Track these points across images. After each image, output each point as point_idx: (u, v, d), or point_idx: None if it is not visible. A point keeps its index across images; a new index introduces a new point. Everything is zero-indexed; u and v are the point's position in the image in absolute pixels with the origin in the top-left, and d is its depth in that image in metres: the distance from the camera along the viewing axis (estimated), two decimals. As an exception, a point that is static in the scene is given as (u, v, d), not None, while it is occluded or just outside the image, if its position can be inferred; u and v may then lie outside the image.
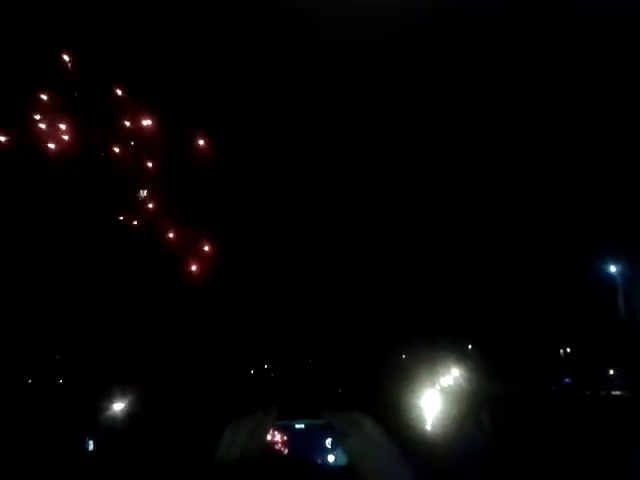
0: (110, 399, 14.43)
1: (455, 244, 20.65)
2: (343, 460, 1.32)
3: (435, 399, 13.73)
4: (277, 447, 1.35)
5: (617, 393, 16.63)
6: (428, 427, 12.19)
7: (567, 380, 19.14)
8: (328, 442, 1.35)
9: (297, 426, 1.37)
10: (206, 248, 19.06)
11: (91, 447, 10.61)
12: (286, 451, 1.36)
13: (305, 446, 1.34)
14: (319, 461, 1.35)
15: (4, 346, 18.08)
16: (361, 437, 1.32)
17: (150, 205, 18.02)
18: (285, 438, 1.36)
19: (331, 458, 1.35)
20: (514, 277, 20.62)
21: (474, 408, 11.00)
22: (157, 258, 18.81)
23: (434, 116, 18.37)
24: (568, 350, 22.25)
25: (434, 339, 18.69)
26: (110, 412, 13.83)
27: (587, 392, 17.36)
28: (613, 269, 20.31)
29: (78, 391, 15.75)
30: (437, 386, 16.27)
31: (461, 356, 20.05)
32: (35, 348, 18.81)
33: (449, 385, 17.67)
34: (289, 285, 21.25)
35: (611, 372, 19.58)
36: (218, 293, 20.00)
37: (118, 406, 14.30)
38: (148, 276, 18.74)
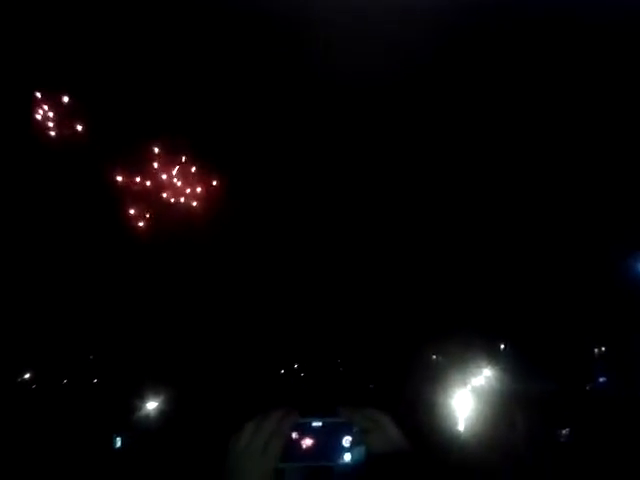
0: (141, 398, 14.62)
1: (487, 244, 20.47)
2: (360, 458, 1.33)
3: (467, 399, 13.61)
4: (295, 446, 1.34)
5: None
6: (460, 427, 12.09)
7: (602, 379, 18.80)
8: (346, 440, 1.33)
9: (314, 424, 1.36)
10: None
11: (119, 444, 10.80)
12: (304, 449, 1.35)
13: (322, 445, 1.34)
14: (336, 460, 1.34)
15: (39, 347, 18.48)
16: (381, 434, 1.34)
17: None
18: (303, 437, 1.35)
19: (347, 457, 1.34)
20: (548, 275, 20.37)
21: (506, 409, 10.89)
22: (187, 261, 19.05)
23: (435, 117, 18.29)
24: (603, 349, 21.88)
25: (465, 338, 18.56)
26: (140, 411, 14.03)
27: (623, 392, 17.05)
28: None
29: (110, 390, 16.03)
30: (469, 386, 16.12)
31: (493, 355, 19.87)
32: (70, 349, 19.20)
33: (481, 385, 17.50)
34: (322, 286, 21.30)
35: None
36: (251, 295, 20.18)
37: (148, 405, 14.49)
38: (181, 278, 19.00)
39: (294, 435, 1.33)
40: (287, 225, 20.07)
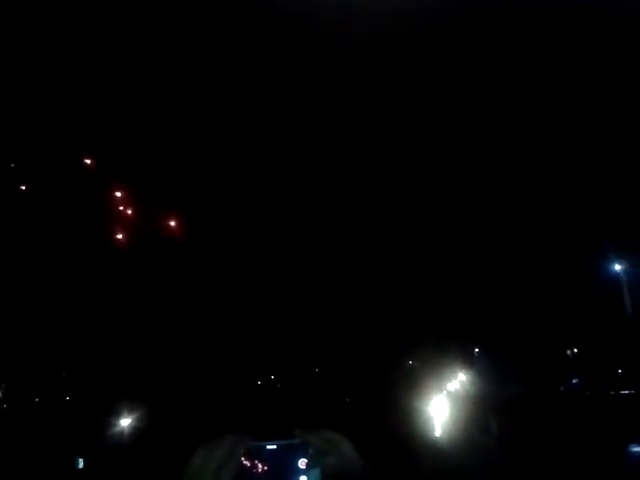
0: (114, 415, 14.40)
1: (459, 249, 20.59)
2: None
3: (442, 404, 13.66)
4: (249, 471, 1.31)
5: (626, 392, 16.50)
6: (436, 433, 12.12)
7: (575, 380, 18.99)
8: (301, 462, 1.30)
9: (268, 447, 1.32)
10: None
11: (81, 465, 10.58)
12: (258, 473, 1.32)
13: (278, 468, 1.31)
14: None
15: (11, 365, 18.12)
16: (338, 455, 1.30)
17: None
18: (257, 461, 1.32)
19: (303, 479, 1.32)
20: (518, 279, 20.54)
21: (481, 413, 10.93)
22: (160, 274, 18.89)
23: (436, 117, 18.38)
24: (575, 350, 22.11)
25: (440, 344, 18.63)
26: (112, 428, 13.81)
27: (596, 392, 17.24)
28: (618, 267, 20.19)
29: (82, 407, 15.76)
30: (444, 391, 16.18)
31: (467, 360, 19.97)
32: (41, 366, 18.86)
33: (456, 390, 17.59)
34: (294, 295, 21.23)
35: (619, 371, 19.44)
36: (225, 306, 20.04)
37: (122, 421, 14.27)
38: (156, 292, 18.83)
39: (248, 459, 1.31)
40: (264, 237, 20.02)
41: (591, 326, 20.26)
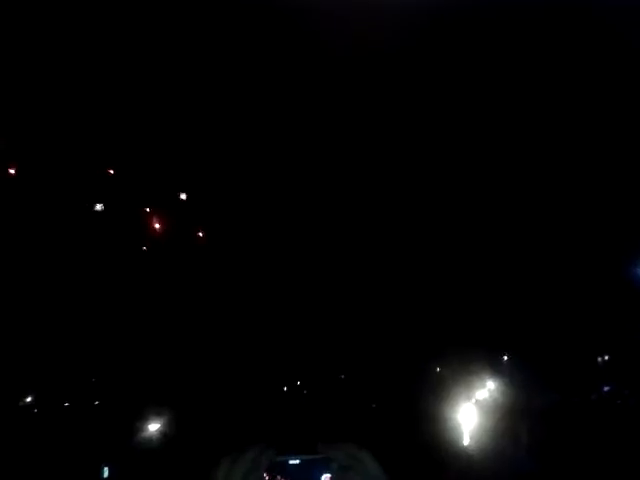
0: (142, 419, 14.49)
1: (489, 256, 20.43)
2: None
3: (471, 413, 13.52)
4: None
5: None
6: (465, 441, 11.99)
7: (606, 388, 18.68)
8: (325, 477, 1.29)
9: (291, 462, 1.31)
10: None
11: (106, 474, 10.60)
12: None
13: None
14: None
15: (41, 370, 18.41)
16: (362, 471, 1.28)
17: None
18: (280, 476, 1.30)
19: None
20: (549, 286, 20.30)
21: (511, 422, 10.81)
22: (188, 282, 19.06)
23: (437, 116, 18.31)
24: (606, 357, 21.77)
25: (469, 352, 18.46)
26: (139, 433, 13.88)
27: (627, 400, 16.95)
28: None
29: (111, 412, 15.90)
30: (473, 399, 16.01)
31: (496, 368, 19.76)
32: (72, 371, 19.11)
33: (485, 398, 17.39)
34: (321, 302, 21.24)
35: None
36: (256, 313, 20.13)
37: (150, 426, 14.35)
38: (183, 299, 18.99)
39: (270, 474, 1.29)
40: (287, 241, 20.05)
41: (623, 332, 19.95)
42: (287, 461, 1.30)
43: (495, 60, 16.52)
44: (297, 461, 1.30)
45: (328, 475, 1.28)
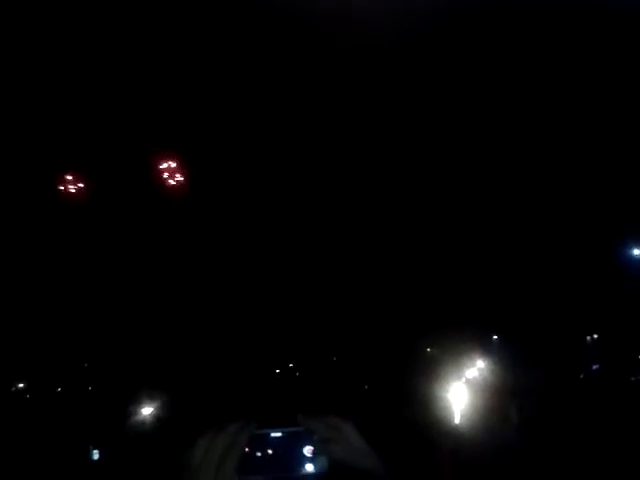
0: (135, 404, 14.53)
1: (477, 235, 20.51)
2: (323, 468, 1.27)
3: (462, 392, 13.62)
4: (253, 459, 1.29)
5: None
6: (455, 420, 12.10)
7: (595, 367, 18.88)
8: (307, 450, 1.28)
9: (272, 434, 1.29)
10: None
11: (96, 457, 10.61)
12: (262, 461, 1.31)
13: (282, 456, 1.29)
14: (297, 471, 1.30)
15: (34, 356, 18.42)
16: (343, 442, 1.27)
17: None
18: (260, 449, 1.30)
19: (309, 467, 1.30)
20: (538, 265, 20.43)
21: (500, 401, 10.92)
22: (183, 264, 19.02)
23: (434, 116, 18.31)
24: (595, 336, 22.00)
25: (458, 331, 18.59)
26: (132, 417, 13.92)
27: (616, 379, 17.14)
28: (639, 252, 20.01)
29: (103, 397, 15.95)
30: (463, 379, 16.15)
31: (486, 347, 19.93)
32: (64, 357, 19.14)
33: (475, 377, 17.54)
34: (313, 284, 21.29)
35: (640, 357, 19.33)
36: (246, 294, 20.16)
37: (143, 410, 14.39)
38: (175, 282, 18.97)
39: (251, 447, 1.29)
40: (280, 223, 20.03)
41: (611, 312, 20.13)
42: (268, 434, 1.30)
43: (497, 61, 16.52)
44: (278, 434, 1.30)
45: (310, 447, 1.28)
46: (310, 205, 20.17)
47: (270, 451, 1.28)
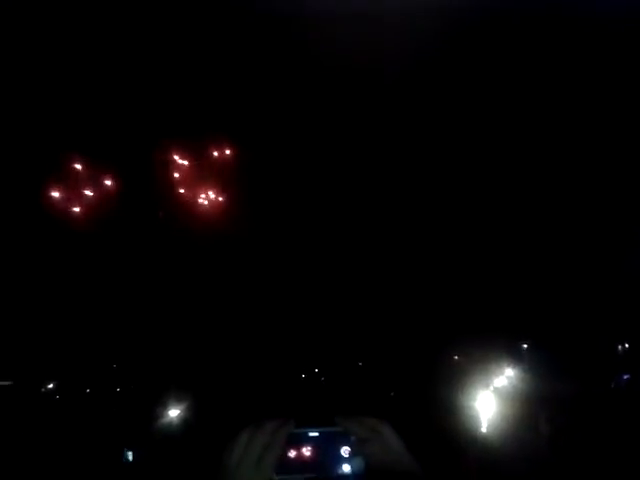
0: (164, 406, 14.67)
1: (507, 243, 20.33)
2: (360, 469, 1.28)
3: (489, 401, 13.51)
4: (291, 458, 1.30)
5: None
6: (483, 429, 12.00)
7: (625, 377, 18.56)
8: (344, 450, 1.29)
9: (311, 434, 1.31)
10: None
11: (130, 458, 10.70)
12: (300, 461, 1.31)
13: (319, 456, 1.30)
14: (334, 471, 1.31)
15: (63, 357, 18.67)
16: (381, 443, 1.28)
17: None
18: (299, 448, 1.31)
19: (347, 468, 1.30)
20: (569, 273, 20.18)
21: (529, 410, 10.80)
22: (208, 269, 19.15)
23: (435, 115, 18.21)
24: (626, 345, 21.62)
25: (487, 339, 18.44)
26: (161, 419, 14.05)
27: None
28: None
29: (132, 399, 16.12)
30: (491, 387, 16.01)
31: (515, 355, 19.73)
32: (93, 358, 19.36)
33: (503, 386, 17.38)
34: (340, 290, 21.27)
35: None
36: (272, 301, 20.22)
37: (171, 412, 14.52)
38: (202, 286, 19.10)
39: (289, 446, 1.30)
40: (303, 230, 20.06)
41: (642, 320, 19.81)
42: (306, 433, 1.31)
43: (496, 62, 16.43)
44: (316, 433, 1.31)
45: (347, 448, 1.29)
46: (333, 212, 20.17)
47: (308, 451, 1.29)
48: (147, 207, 18.44)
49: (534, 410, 10.66)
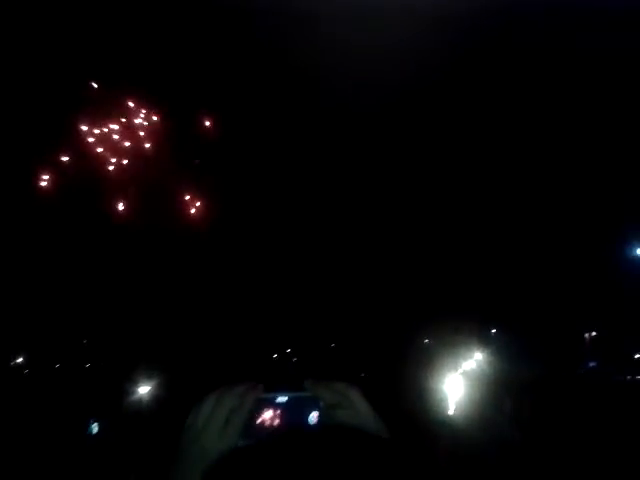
0: (134, 381, 14.58)
1: (477, 228, 20.49)
2: None
3: (458, 383, 13.66)
4: (258, 423, 1.29)
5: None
6: (451, 412, 12.15)
7: (592, 364, 18.92)
8: (313, 416, 1.27)
9: (279, 399, 1.29)
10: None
11: (95, 430, 10.62)
12: (267, 425, 1.30)
13: (287, 421, 1.29)
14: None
15: (32, 331, 18.48)
16: (351, 409, 1.27)
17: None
18: (266, 413, 1.29)
19: None
20: (538, 259, 20.42)
21: (495, 394, 10.95)
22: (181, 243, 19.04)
23: (433, 116, 18.28)
24: (593, 334, 22.01)
25: (457, 323, 18.62)
26: (131, 395, 13.98)
27: (613, 377, 17.17)
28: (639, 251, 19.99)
29: (102, 374, 16.02)
30: (460, 370, 16.20)
31: (484, 339, 19.95)
32: (63, 333, 19.19)
33: (472, 369, 17.59)
34: (311, 271, 21.29)
35: (637, 356, 19.36)
36: (243, 281, 20.18)
37: (140, 389, 14.45)
38: (174, 263, 18.99)
39: (257, 411, 1.28)
40: (277, 213, 20.03)
41: (610, 310, 20.14)
42: (274, 398, 1.29)
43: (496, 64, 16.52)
44: (285, 398, 1.29)
45: (316, 413, 1.27)
46: (305, 198, 20.16)
47: (276, 416, 1.28)
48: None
49: (501, 393, 10.80)
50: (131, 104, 17.54)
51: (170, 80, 16.97)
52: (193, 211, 18.96)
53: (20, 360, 19.79)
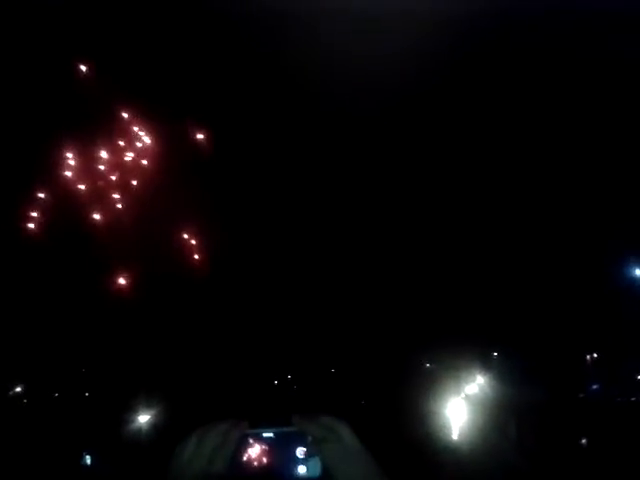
0: (133, 411, 14.50)
1: (479, 252, 20.46)
2: (316, 471, 1.24)
3: (461, 408, 13.58)
4: (244, 459, 1.26)
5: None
6: (454, 437, 12.04)
7: (595, 387, 18.80)
8: (300, 452, 1.26)
9: (265, 434, 1.27)
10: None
11: (88, 462, 10.55)
12: (253, 463, 1.27)
13: (274, 458, 1.26)
14: (289, 474, 1.27)
15: (31, 360, 18.36)
16: (338, 444, 1.24)
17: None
18: (252, 449, 1.27)
19: (302, 469, 1.26)
20: (539, 282, 20.36)
21: (499, 418, 10.88)
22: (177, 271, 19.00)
23: (433, 117, 18.35)
24: (595, 355, 21.89)
25: (458, 346, 18.51)
26: (130, 424, 13.90)
27: (617, 399, 17.07)
28: (640, 272, 19.97)
29: (101, 403, 15.90)
30: (462, 394, 16.10)
31: (486, 363, 19.83)
32: (61, 362, 19.07)
33: (474, 393, 17.49)
34: (311, 296, 21.21)
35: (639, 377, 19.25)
36: (242, 306, 20.09)
37: (140, 418, 14.36)
38: (172, 290, 18.93)
39: (242, 448, 1.25)
40: (273, 236, 19.99)
41: (611, 332, 20.06)
42: (259, 434, 1.27)
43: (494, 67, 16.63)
44: (270, 434, 1.27)
45: (303, 449, 1.24)
46: (305, 212, 20.12)
47: (262, 452, 1.25)
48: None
49: (503, 417, 10.74)
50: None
51: (163, 94, 17.01)
52: (193, 242, 18.89)
53: (19, 389, 19.66)
